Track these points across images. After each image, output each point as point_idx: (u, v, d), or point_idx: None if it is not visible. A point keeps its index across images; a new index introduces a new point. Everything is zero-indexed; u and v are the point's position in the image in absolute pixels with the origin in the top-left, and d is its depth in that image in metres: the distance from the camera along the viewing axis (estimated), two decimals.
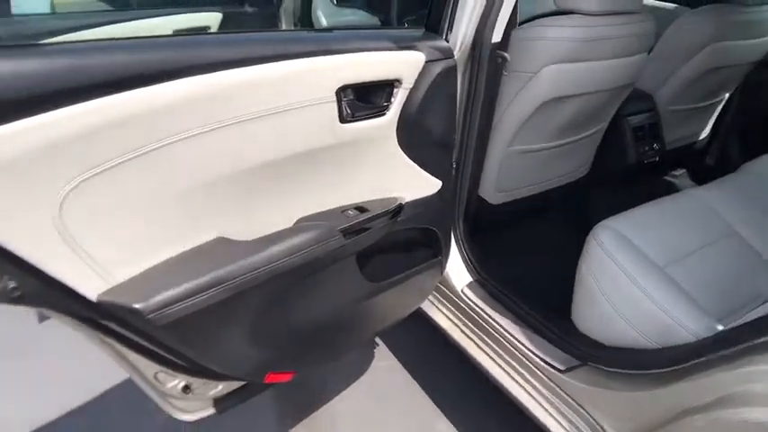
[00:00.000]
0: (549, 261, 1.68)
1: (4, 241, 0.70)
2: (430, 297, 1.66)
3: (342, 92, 1.00)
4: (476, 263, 1.59)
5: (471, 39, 1.26)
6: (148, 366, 1.05)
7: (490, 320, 1.49)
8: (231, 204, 0.97)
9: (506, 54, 1.32)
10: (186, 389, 1.13)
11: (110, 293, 0.83)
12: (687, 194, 1.58)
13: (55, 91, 0.68)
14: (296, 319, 1.16)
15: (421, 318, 1.69)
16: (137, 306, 0.82)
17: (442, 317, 1.64)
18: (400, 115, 1.13)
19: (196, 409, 1.22)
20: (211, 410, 1.24)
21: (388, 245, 1.28)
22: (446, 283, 1.61)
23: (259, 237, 1.01)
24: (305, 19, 2.47)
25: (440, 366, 1.88)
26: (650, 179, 2.29)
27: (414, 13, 2.34)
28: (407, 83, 1.11)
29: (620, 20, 1.46)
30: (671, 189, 2.34)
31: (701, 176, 2.31)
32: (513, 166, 1.69)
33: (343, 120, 1.02)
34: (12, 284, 0.73)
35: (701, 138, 2.39)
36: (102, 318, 0.86)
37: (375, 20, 2.45)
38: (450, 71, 1.19)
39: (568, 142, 1.75)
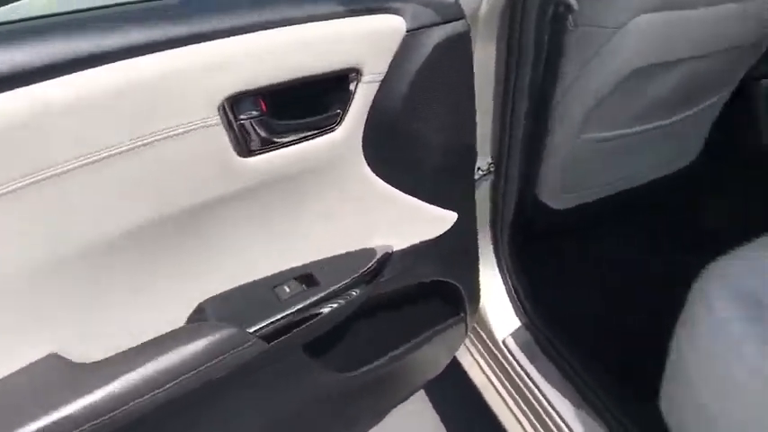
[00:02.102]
0: (635, 300, 1.20)
1: None
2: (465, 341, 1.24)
3: (232, 106, 0.58)
4: (525, 299, 1.15)
5: None
6: None
7: (536, 389, 1.07)
8: (73, 299, 0.59)
9: None
10: None
11: None
12: None
13: None
14: None
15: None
16: None
17: (476, 369, 1.23)
18: (368, 124, 0.70)
19: None
20: None
21: (371, 313, 0.87)
22: (484, 326, 1.18)
23: (116, 352, 0.62)
24: None
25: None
26: None
27: None
28: (373, 71, 0.67)
29: None
30: None
31: None
32: (586, 159, 1.20)
33: (243, 152, 0.61)
34: None
35: None
36: None
37: None
38: (459, 41, 0.72)
39: (669, 123, 1.22)
